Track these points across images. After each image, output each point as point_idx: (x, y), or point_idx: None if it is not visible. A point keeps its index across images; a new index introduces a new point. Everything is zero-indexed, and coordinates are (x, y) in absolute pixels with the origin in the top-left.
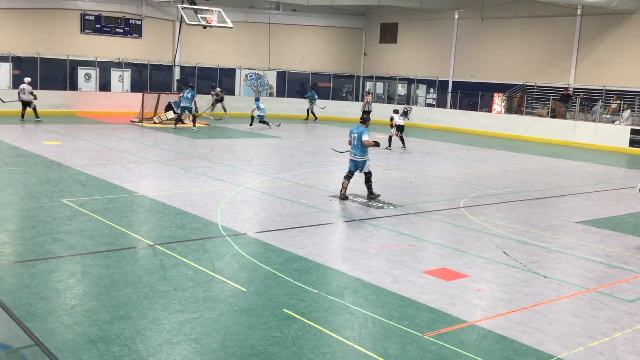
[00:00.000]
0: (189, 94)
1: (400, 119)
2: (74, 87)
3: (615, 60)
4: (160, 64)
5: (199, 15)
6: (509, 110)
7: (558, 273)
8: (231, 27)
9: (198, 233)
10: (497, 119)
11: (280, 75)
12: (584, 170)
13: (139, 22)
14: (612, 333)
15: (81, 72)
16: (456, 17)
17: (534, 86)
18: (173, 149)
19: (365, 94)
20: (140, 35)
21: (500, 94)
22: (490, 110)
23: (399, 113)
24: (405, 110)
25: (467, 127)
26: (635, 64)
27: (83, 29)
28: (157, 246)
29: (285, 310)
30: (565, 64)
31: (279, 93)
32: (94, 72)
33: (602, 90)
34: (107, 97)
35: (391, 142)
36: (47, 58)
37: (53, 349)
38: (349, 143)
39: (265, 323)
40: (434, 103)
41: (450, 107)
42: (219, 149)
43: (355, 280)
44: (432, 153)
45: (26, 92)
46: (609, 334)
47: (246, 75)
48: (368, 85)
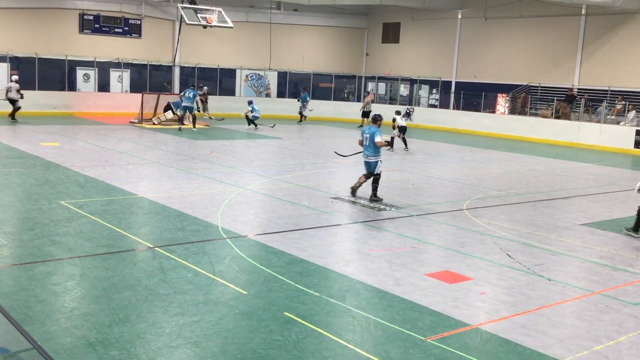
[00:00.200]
0: (191, 94)
1: (403, 120)
2: (72, 87)
3: (621, 61)
4: (160, 64)
5: (199, 15)
6: (513, 111)
7: (562, 276)
8: (231, 27)
9: (198, 235)
10: (500, 120)
11: (281, 75)
12: (588, 172)
13: (139, 22)
14: (617, 336)
15: (80, 72)
16: (459, 16)
17: (537, 87)
18: (173, 150)
19: (365, 94)
20: (140, 35)
21: (503, 95)
22: (493, 111)
23: (401, 114)
24: (408, 111)
25: (470, 128)
26: None
27: (82, 29)
28: (156, 248)
29: (286, 313)
30: (569, 64)
31: (280, 94)
32: (92, 73)
33: (607, 90)
34: (106, 98)
35: (393, 144)
36: (45, 58)
37: (51, 352)
38: (360, 143)
39: (266, 326)
40: (436, 104)
41: (453, 108)
42: (219, 150)
43: (357, 283)
44: (434, 154)
45: (13, 90)
46: (614, 337)
47: (247, 76)
48: (370, 85)
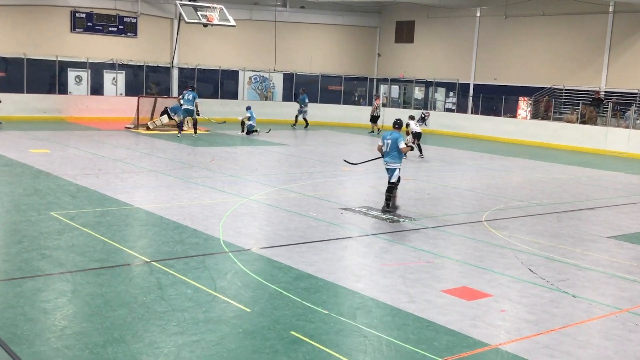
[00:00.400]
0: (190, 96)
1: (417, 126)
2: (63, 90)
3: None
4: (157, 66)
5: (199, 13)
6: (535, 115)
7: (588, 292)
8: (234, 26)
9: (198, 249)
10: (522, 125)
11: (287, 77)
12: (616, 181)
13: (134, 20)
14: None
15: (71, 74)
16: (478, 14)
17: (562, 89)
18: (171, 157)
19: (374, 98)
20: (136, 35)
21: (525, 98)
22: (514, 116)
23: (415, 119)
24: (423, 116)
25: (490, 133)
26: None
27: (73, 28)
28: (153, 263)
29: (292, 332)
30: (596, 66)
31: (286, 97)
32: (85, 74)
33: (636, 93)
34: (99, 102)
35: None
36: (34, 59)
37: None
38: (379, 149)
39: (271, 346)
40: (453, 108)
41: (472, 112)
42: (221, 158)
43: (368, 299)
44: (451, 162)
45: None
46: None
47: (250, 78)
48: (382, 88)
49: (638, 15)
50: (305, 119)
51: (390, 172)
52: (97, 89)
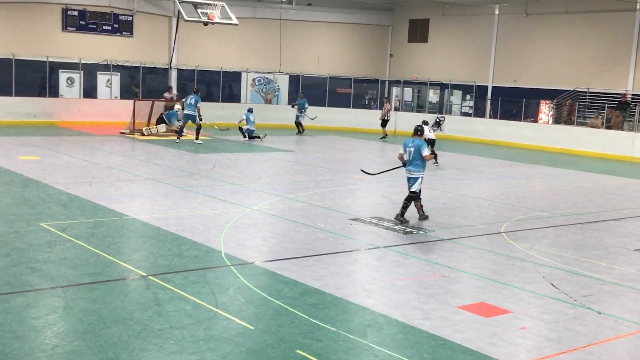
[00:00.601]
0: (192, 100)
1: (431, 132)
2: (54, 93)
3: None
4: (155, 67)
5: (199, 10)
6: (558, 120)
7: (614, 308)
8: (236, 24)
9: (198, 262)
10: (543, 130)
11: (293, 79)
12: None
13: (130, 18)
14: None
15: (63, 75)
16: (496, 12)
17: (586, 92)
18: (169, 164)
19: (385, 101)
20: (132, 34)
21: (547, 102)
22: (535, 120)
23: (429, 124)
24: (438, 121)
25: (509, 139)
26: None
27: (65, 26)
28: (150, 277)
29: (298, 351)
30: (622, 67)
31: (292, 100)
32: (77, 76)
33: None
34: (92, 105)
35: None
36: (23, 60)
37: None
38: (400, 158)
39: None
40: (470, 112)
41: (490, 117)
42: (222, 165)
43: (379, 316)
44: (468, 169)
45: None
46: None
47: (254, 80)
48: (395, 90)
49: None
50: (297, 124)
51: (412, 180)
52: (90, 91)
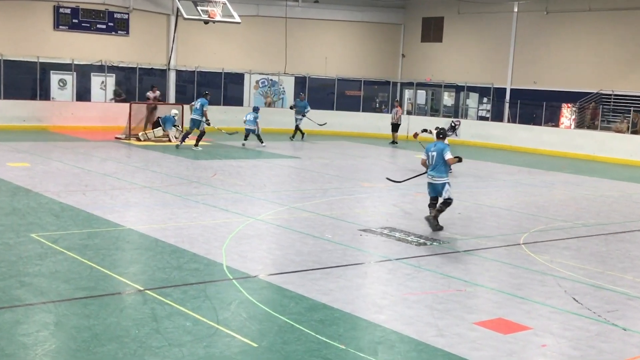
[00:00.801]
0: (198, 104)
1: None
2: (45, 95)
3: None
4: (152, 68)
5: (199, 8)
6: (580, 124)
7: None
8: (239, 23)
9: (198, 275)
10: (565, 135)
11: (299, 81)
12: None
13: (126, 17)
14: None
15: (54, 77)
16: (515, 9)
17: (610, 95)
18: (167, 172)
19: (395, 104)
20: (127, 33)
21: (569, 105)
22: (556, 125)
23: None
24: (453, 125)
25: (529, 145)
26: None
27: (57, 25)
28: (147, 292)
29: None
30: None
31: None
32: (70, 78)
33: None
34: (86, 109)
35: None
36: (12, 60)
37: None
38: (423, 163)
39: None
40: (487, 115)
41: (508, 121)
42: (224, 172)
43: (391, 333)
44: (485, 177)
45: None
46: None
47: (257, 82)
48: (407, 93)
49: None
50: (297, 128)
51: (439, 187)
52: (83, 94)
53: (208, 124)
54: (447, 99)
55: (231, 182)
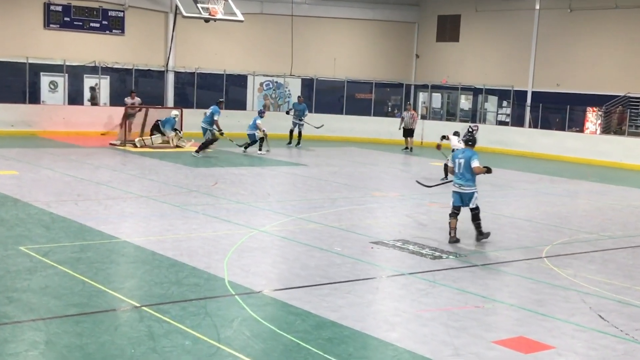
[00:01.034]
0: (209, 111)
1: (461, 143)
2: (35, 99)
3: None
4: (149, 69)
5: (199, 5)
6: (606, 129)
7: None
8: (242, 21)
9: (198, 291)
10: (590, 141)
11: (306, 83)
12: None
13: (121, 14)
14: None
15: (45, 79)
16: (537, 7)
17: (639, 98)
18: (165, 180)
19: (407, 107)
20: (123, 32)
21: (594, 109)
22: (581, 130)
23: (460, 135)
24: (470, 130)
25: (551, 151)
26: None
27: (47, 23)
28: (144, 308)
29: None
30: None
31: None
32: (61, 80)
33: None
34: (78, 113)
35: (448, 172)
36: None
37: None
38: (451, 171)
39: None
40: (507, 120)
41: (529, 126)
42: (225, 181)
43: (404, 352)
44: (504, 186)
45: None
46: None
47: (261, 84)
48: (421, 96)
49: None
50: (299, 133)
51: (467, 197)
52: (75, 97)
53: (221, 134)
54: (464, 102)
55: (233, 191)
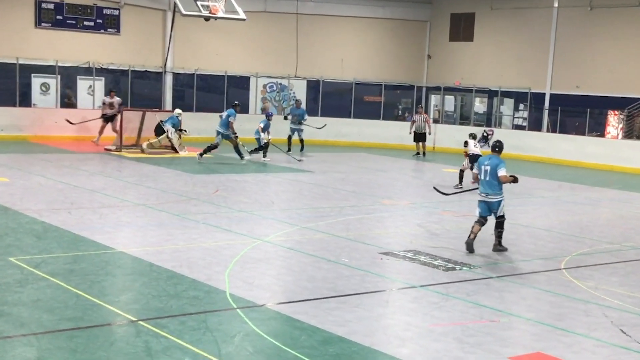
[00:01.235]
0: (224, 114)
1: (477, 147)
2: (25, 102)
3: None
4: (146, 70)
5: (199, 3)
6: (629, 134)
7: None
8: (244, 20)
9: (198, 304)
10: (612, 146)
11: (312, 85)
12: None
13: (116, 13)
14: None
15: (36, 80)
16: (556, 4)
17: None
18: (163, 187)
19: (419, 110)
20: (118, 31)
21: (616, 112)
22: (602, 135)
23: (476, 139)
24: (485, 135)
25: (571, 157)
26: None
27: (38, 22)
28: (141, 323)
29: None
30: None
31: (311, 110)
32: (53, 82)
33: None
34: (72, 116)
35: (463, 178)
36: None
37: None
38: (476, 179)
39: None
40: (524, 124)
41: (548, 130)
42: (227, 188)
43: None
44: (522, 193)
45: None
46: None
47: (265, 86)
48: (433, 99)
49: None
50: (301, 140)
51: (495, 205)
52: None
53: (236, 137)
54: (479, 105)
55: (235, 199)
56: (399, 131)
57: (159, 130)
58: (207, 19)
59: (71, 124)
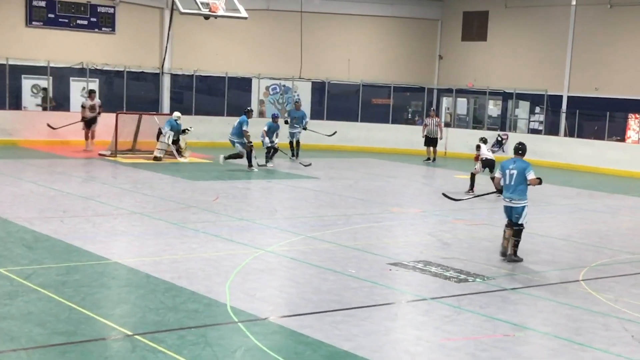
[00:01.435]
0: (236, 122)
1: (490, 151)
2: (16, 104)
3: None
4: (142, 71)
5: (198, 1)
6: None
7: None
8: (246, 18)
9: (197, 318)
10: (632, 151)
11: (317, 87)
12: None
13: (111, 11)
14: None
15: (27, 82)
16: (573, 2)
17: None
18: (161, 194)
19: (431, 114)
20: (114, 30)
21: (637, 115)
22: (622, 139)
23: (487, 143)
24: (499, 139)
25: (590, 162)
26: None
27: (29, 20)
28: (137, 337)
29: None
30: None
31: (316, 113)
32: (45, 83)
33: None
34: (64, 119)
35: (474, 184)
36: None
37: None
38: (497, 183)
39: None
40: (540, 128)
41: (565, 134)
42: (228, 195)
43: None
44: (538, 201)
45: None
46: None
47: (267, 88)
48: (445, 101)
49: None
50: (297, 142)
51: (520, 210)
52: (61, 102)
53: (250, 145)
54: (493, 108)
55: (236, 207)
56: (408, 135)
57: (160, 135)
58: (206, 17)
59: (52, 128)
